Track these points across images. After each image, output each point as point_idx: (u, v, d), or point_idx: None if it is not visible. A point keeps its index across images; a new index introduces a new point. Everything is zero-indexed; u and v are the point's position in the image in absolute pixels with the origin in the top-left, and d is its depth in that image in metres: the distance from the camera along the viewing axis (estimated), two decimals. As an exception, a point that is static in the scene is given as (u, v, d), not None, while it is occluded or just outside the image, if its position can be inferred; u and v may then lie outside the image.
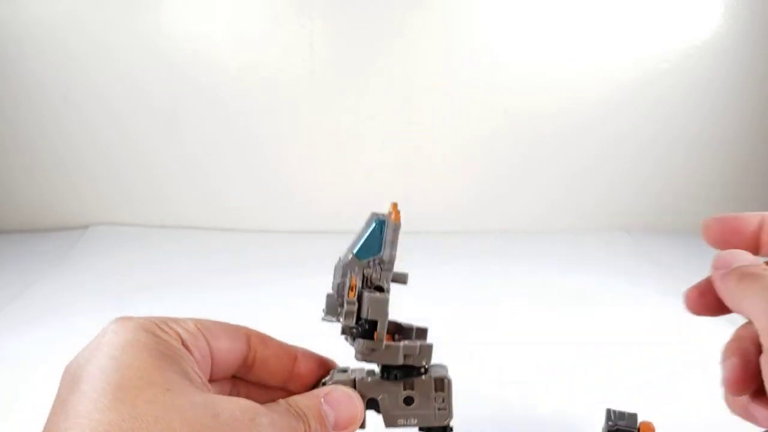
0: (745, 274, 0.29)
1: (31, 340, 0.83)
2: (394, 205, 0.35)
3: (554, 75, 1.22)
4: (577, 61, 1.22)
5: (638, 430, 0.40)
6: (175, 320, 0.33)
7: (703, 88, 1.24)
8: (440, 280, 1.01)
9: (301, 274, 0.93)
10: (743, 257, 0.32)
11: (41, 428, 0.29)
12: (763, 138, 1.28)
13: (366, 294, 0.36)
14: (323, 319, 0.37)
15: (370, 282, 0.36)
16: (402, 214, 0.37)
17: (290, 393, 0.35)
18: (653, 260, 1.13)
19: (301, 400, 0.33)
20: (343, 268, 0.36)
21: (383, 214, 0.36)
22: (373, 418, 0.38)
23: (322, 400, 0.33)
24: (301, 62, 1.20)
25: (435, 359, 0.38)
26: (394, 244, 0.36)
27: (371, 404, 0.37)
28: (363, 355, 0.35)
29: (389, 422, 0.37)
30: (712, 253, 0.34)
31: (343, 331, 0.37)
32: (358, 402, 0.35)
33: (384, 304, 0.36)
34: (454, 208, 1.30)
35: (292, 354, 0.38)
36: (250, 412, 0.29)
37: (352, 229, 0.41)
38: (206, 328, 0.34)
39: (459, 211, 1.30)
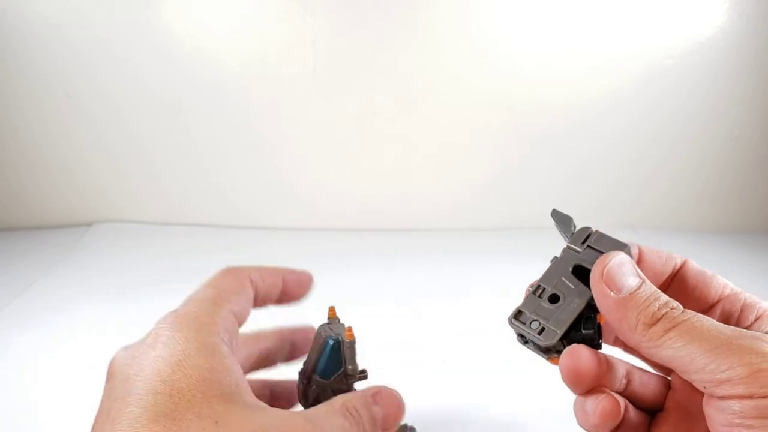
0: (672, 325, 0.28)
1: (36, 337, 0.83)
2: (349, 329, 0.38)
3: (558, 71, 1.22)
4: (580, 58, 1.21)
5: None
6: (222, 315, 0.35)
7: (707, 84, 1.24)
8: (442, 278, 1.01)
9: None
10: (630, 279, 0.30)
11: (43, 424, 0.29)
12: (768, 134, 1.28)
13: None
14: None
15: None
16: (406, 212, 0.38)
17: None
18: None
19: (355, 401, 0.34)
20: (313, 393, 0.39)
21: (335, 333, 0.39)
22: None
23: (371, 399, 0.35)
24: (304, 59, 1.20)
25: (439, 358, 0.39)
26: (353, 357, 0.39)
27: None
28: None
29: None
30: (714, 252, 0.34)
31: None
32: (402, 400, 0.37)
33: None
34: (456, 205, 1.30)
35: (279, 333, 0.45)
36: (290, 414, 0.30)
37: (355, 226, 0.42)
38: (239, 315, 0.37)
39: (462, 208, 1.30)
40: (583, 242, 0.34)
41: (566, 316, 0.32)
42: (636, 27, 1.20)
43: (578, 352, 0.31)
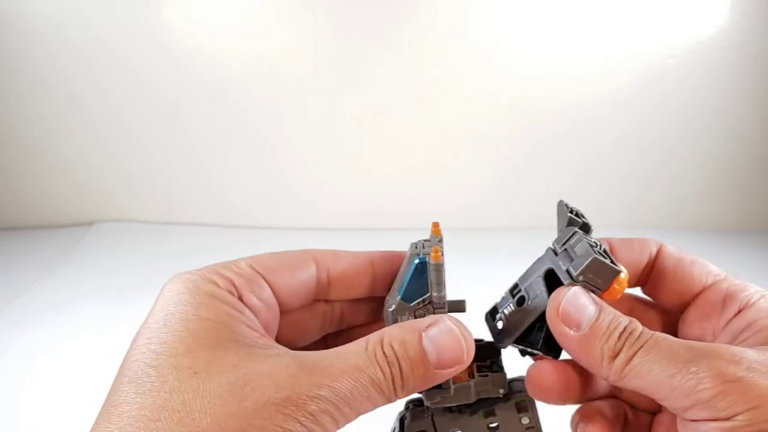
0: (633, 351, 0.27)
1: (36, 337, 0.83)
2: (435, 249, 0.32)
3: (560, 72, 1.22)
4: (582, 58, 1.21)
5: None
6: (228, 266, 0.31)
7: (709, 84, 1.23)
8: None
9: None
10: (588, 311, 0.29)
11: (43, 422, 0.28)
12: (769, 134, 1.28)
13: None
14: None
15: None
16: (406, 212, 0.36)
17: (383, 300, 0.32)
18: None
19: (398, 335, 0.28)
20: (392, 315, 0.32)
21: (423, 252, 0.33)
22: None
23: (423, 334, 0.28)
24: (305, 59, 1.20)
25: None
26: (440, 284, 0.32)
27: (447, 426, 0.34)
28: (433, 403, 0.32)
29: None
30: (715, 251, 0.33)
31: None
32: (466, 339, 0.29)
33: None
34: (457, 204, 1.30)
35: (367, 260, 0.34)
36: (289, 384, 0.25)
37: (357, 226, 0.41)
38: (264, 266, 0.31)
39: (462, 208, 1.30)
40: (563, 244, 0.32)
41: (523, 321, 0.32)
42: (637, 27, 1.20)
43: (540, 368, 0.31)
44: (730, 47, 1.20)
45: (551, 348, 0.31)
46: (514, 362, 0.35)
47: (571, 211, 0.34)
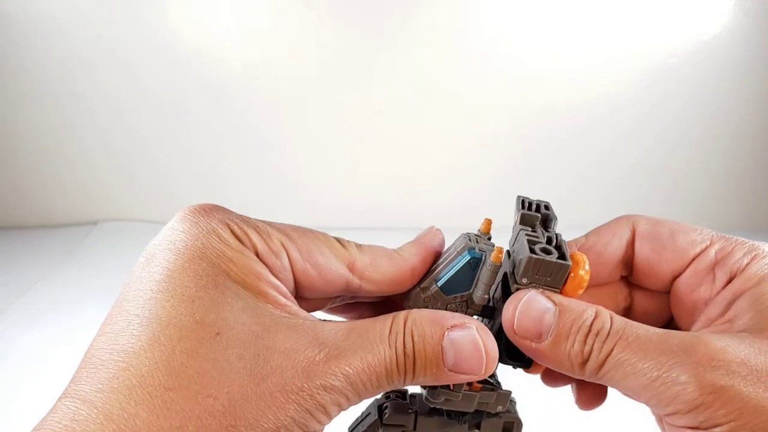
0: (604, 356, 0.25)
1: (40, 336, 0.83)
2: (499, 250, 0.28)
3: (561, 72, 1.22)
4: (583, 57, 1.21)
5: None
6: (256, 226, 0.28)
7: (712, 84, 1.23)
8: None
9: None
10: (545, 318, 0.27)
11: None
12: (773, 133, 1.27)
13: None
14: None
15: None
16: (407, 211, 0.32)
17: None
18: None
19: (421, 325, 0.26)
20: (423, 300, 0.30)
21: (479, 246, 0.30)
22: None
23: (447, 333, 0.26)
24: (307, 59, 1.20)
25: None
26: (488, 286, 0.29)
27: (426, 427, 0.33)
28: (435, 402, 0.31)
29: None
30: None
31: None
32: (488, 352, 0.27)
33: None
34: (458, 204, 1.30)
35: (407, 270, 0.31)
36: (306, 371, 0.23)
37: (358, 225, 0.40)
38: (293, 240, 0.28)
39: (463, 208, 1.30)
40: (513, 245, 0.30)
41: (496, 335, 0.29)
42: (639, 26, 1.19)
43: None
44: (734, 46, 1.20)
45: (516, 358, 0.29)
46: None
47: (529, 206, 0.31)
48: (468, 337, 0.26)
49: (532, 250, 0.27)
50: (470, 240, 0.31)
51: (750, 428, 0.23)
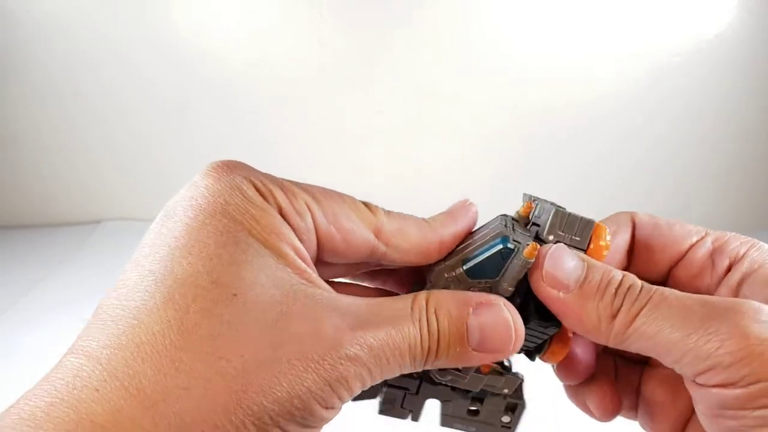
0: (637, 310, 0.24)
1: (43, 334, 0.83)
2: (534, 246, 0.27)
3: (563, 71, 1.21)
4: (586, 56, 1.21)
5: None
6: (281, 184, 0.27)
7: (715, 82, 1.23)
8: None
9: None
10: (571, 265, 0.26)
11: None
12: (776, 132, 1.27)
13: None
14: None
15: None
16: (408, 211, 0.33)
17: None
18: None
19: (445, 304, 0.25)
20: (446, 280, 0.29)
21: (515, 237, 0.29)
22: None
23: (472, 312, 0.25)
24: (309, 58, 1.20)
25: None
26: (515, 280, 0.28)
27: (428, 394, 0.32)
28: (442, 379, 0.30)
29: (446, 423, 0.33)
30: None
31: None
32: (517, 330, 0.26)
33: None
34: (463, 203, 1.30)
35: (436, 242, 0.30)
36: (329, 339, 0.22)
37: None
38: (318, 201, 0.27)
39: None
40: (527, 225, 0.30)
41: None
42: (642, 25, 1.19)
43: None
44: (737, 45, 1.19)
45: (547, 318, 0.28)
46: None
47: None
48: (496, 315, 0.26)
49: (557, 207, 0.27)
50: (506, 226, 0.30)
51: None
